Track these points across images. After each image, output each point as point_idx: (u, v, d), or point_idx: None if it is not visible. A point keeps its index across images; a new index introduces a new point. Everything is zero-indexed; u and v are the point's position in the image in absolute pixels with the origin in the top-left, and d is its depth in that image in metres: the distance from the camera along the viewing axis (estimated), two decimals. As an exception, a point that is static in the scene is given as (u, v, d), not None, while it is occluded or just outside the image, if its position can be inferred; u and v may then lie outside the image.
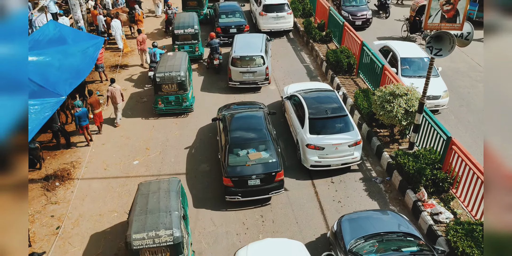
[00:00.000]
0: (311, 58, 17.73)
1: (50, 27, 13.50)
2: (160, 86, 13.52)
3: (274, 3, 19.44)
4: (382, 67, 13.13)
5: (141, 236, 7.68)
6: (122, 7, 20.36)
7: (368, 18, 20.23)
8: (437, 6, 9.37)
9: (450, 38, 9.26)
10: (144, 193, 8.73)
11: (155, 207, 8.26)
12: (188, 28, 16.80)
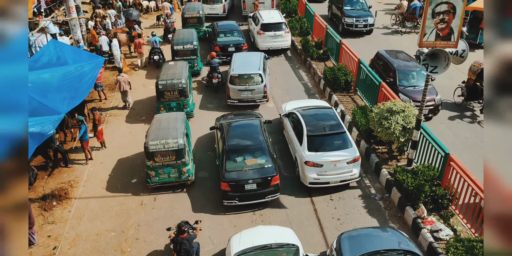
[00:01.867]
0: (309, 75, 17.88)
1: (51, 47, 13.64)
2: (162, 93, 14.09)
3: (272, 22, 19.70)
4: (379, 84, 13.24)
5: (155, 143, 10.89)
6: (121, 27, 20.64)
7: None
8: (432, 25, 9.51)
9: (445, 55, 9.37)
10: (158, 119, 12.10)
11: (166, 126, 11.51)
12: (187, 44, 17.32)
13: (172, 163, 11.10)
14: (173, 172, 11.25)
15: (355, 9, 21.96)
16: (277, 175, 10.67)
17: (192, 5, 22.60)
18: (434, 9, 9.39)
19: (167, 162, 11.08)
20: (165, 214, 10.71)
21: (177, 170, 11.23)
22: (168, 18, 21.73)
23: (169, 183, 11.42)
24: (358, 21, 21.29)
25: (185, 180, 11.45)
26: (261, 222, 10.34)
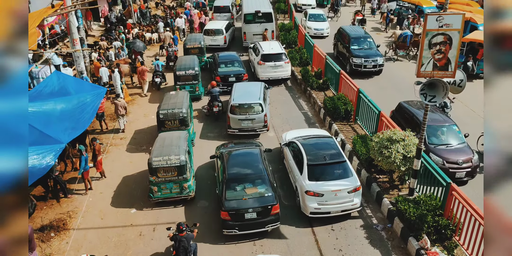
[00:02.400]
0: (309, 105, 18.01)
1: (54, 78, 13.80)
2: (163, 122, 14.20)
3: (272, 53, 20.01)
4: (378, 113, 13.31)
5: (158, 159, 11.41)
6: (124, 58, 20.98)
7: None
8: (429, 55, 9.67)
9: (443, 85, 9.48)
10: (162, 137, 12.73)
11: (169, 143, 12.06)
12: (189, 69, 17.98)
13: (174, 179, 11.58)
14: (175, 188, 11.72)
15: (363, 48, 20.97)
16: (277, 204, 10.59)
17: (194, 36, 23.10)
18: (431, 40, 9.57)
19: (169, 177, 11.55)
20: (164, 244, 10.54)
21: (179, 185, 11.68)
22: (170, 47, 22.54)
23: (171, 198, 11.85)
24: (367, 62, 20.16)
25: (186, 196, 11.87)
26: (261, 253, 10.16)
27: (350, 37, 21.37)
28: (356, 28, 23.16)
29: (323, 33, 26.99)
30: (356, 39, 21.30)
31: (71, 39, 17.38)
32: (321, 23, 27.39)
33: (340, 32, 22.75)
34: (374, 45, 21.38)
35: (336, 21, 30.04)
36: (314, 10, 29.37)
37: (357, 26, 23.86)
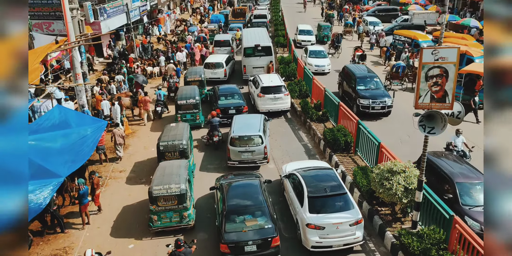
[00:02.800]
0: (309, 137, 18.04)
1: (55, 112, 13.94)
2: (163, 154, 14.21)
3: (272, 85, 20.25)
4: (378, 144, 13.30)
5: (159, 188, 11.47)
6: (125, 91, 21.24)
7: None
8: (426, 87, 9.76)
9: (441, 117, 9.52)
10: (163, 166, 12.80)
11: (169, 172, 12.16)
12: (190, 98, 18.55)
13: (174, 208, 11.60)
14: (175, 217, 11.71)
15: (369, 88, 19.97)
16: (278, 236, 10.44)
17: (194, 69, 23.50)
18: (427, 73, 9.70)
19: (169, 206, 11.57)
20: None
21: (179, 214, 11.68)
22: (171, 78, 23.11)
23: (171, 227, 11.82)
24: (375, 103, 19.12)
25: (186, 225, 11.85)
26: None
27: (356, 76, 20.45)
28: (360, 66, 22.34)
29: (324, 70, 26.55)
30: (362, 79, 20.37)
31: (73, 74, 17.65)
32: (322, 60, 27.00)
33: (345, 71, 22.00)
34: (381, 85, 20.51)
35: (337, 58, 29.90)
36: (314, 47, 29.30)
37: (361, 65, 23.01)
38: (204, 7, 50.20)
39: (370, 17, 39.90)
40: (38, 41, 20.95)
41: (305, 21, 41.49)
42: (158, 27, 38.55)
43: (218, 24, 38.65)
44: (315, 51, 27.83)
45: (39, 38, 21.65)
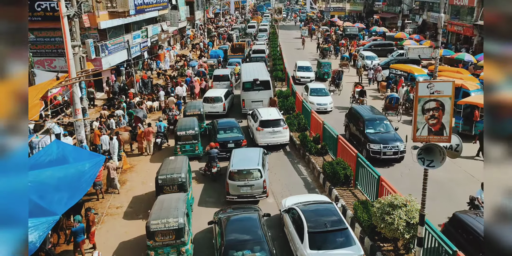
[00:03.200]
0: (308, 170, 17.94)
1: (53, 147, 13.89)
2: (162, 188, 14.08)
3: (270, 119, 20.34)
4: (378, 177, 13.21)
5: (156, 222, 11.24)
6: (125, 126, 21.31)
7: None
8: (423, 120, 9.80)
9: (439, 150, 9.50)
10: (161, 199, 12.70)
11: (168, 206, 11.99)
12: (189, 129, 18.96)
13: (172, 243, 11.34)
14: (172, 252, 11.42)
15: (379, 132, 18.76)
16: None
17: (193, 104, 23.74)
18: (424, 106, 9.77)
19: (167, 241, 11.31)
20: None
21: (176, 250, 11.40)
22: (170, 111, 23.53)
23: None
24: (386, 148, 17.75)
25: None
26: None
27: (364, 119, 19.23)
28: (367, 107, 21.31)
29: (326, 108, 25.73)
30: (370, 122, 19.11)
31: (73, 109, 17.76)
32: (324, 98, 26.21)
33: (352, 113, 20.88)
34: (391, 127, 19.08)
35: (338, 95, 29.43)
36: (315, 84, 28.73)
37: (368, 106, 22.01)
38: (204, 43, 51.23)
39: (366, 51, 40.69)
40: (39, 77, 21.24)
41: (303, 57, 42.16)
42: (157, 63, 39.12)
43: (217, 59, 39.33)
44: (316, 89, 27.16)
45: (40, 74, 21.97)
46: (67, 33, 16.62)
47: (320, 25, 68.33)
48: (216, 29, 67.55)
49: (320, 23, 73.26)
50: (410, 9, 60.51)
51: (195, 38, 58.80)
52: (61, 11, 16.38)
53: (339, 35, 54.86)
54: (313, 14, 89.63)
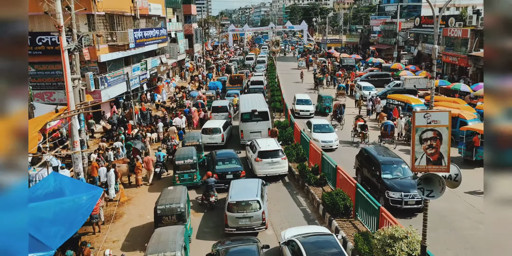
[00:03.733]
0: (307, 201, 17.76)
1: (51, 180, 13.79)
2: (160, 218, 14.02)
3: (269, 150, 20.33)
4: (378, 208, 13.06)
5: None
6: (123, 158, 21.26)
7: None
8: (421, 150, 9.80)
9: (439, 179, 9.45)
10: (159, 232, 12.62)
11: (165, 239, 11.91)
12: (187, 158, 19.09)
13: None
14: None
15: (397, 178, 16.62)
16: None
17: (192, 134, 23.87)
18: (421, 136, 9.80)
19: None
20: None
21: None
22: (169, 141, 23.72)
23: None
24: (408, 196, 15.64)
25: None
26: None
27: (379, 162, 17.24)
28: (381, 149, 19.35)
29: (332, 146, 24.04)
30: (387, 166, 17.06)
31: (71, 142, 17.76)
32: (329, 135, 24.62)
33: (364, 155, 18.90)
34: (409, 172, 16.65)
35: (340, 129, 28.04)
36: (318, 120, 27.02)
37: (382, 147, 20.59)
38: (203, 75, 51.91)
39: (363, 82, 41.22)
40: (38, 110, 21.35)
41: (301, 89, 42.35)
42: (153, 95, 39.35)
43: (216, 90, 39.74)
44: (319, 125, 25.66)
45: (39, 107, 22.10)
46: (67, 67, 16.86)
47: (317, 57, 69.52)
48: (215, 61, 68.64)
49: (317, 55, 74.57)
50: (405, 40, 61.76)
51: (194, 70, 59.62)
52: (62, 45, 16.69)
53: (336, 66, 55.74)
54: (310, 46, 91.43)
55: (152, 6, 40.21)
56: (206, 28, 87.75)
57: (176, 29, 52.91)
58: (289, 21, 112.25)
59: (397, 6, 63.58)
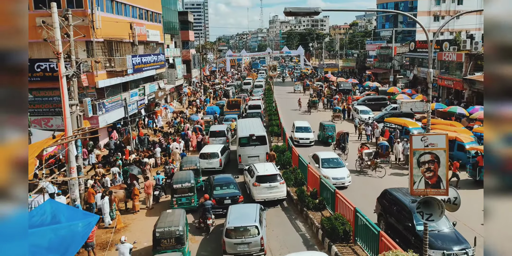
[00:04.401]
0: (306, 226, 17.54)
1: (46, 207, 13.62)
2: (159, 241, 13.97)
3: (267, 174, 20.22)
4: (378, 233, 12.89)
5: None
6: (120, 184, 21.11)
7: None
8: (419, 173, 9.79)
9: (438, 203, 9.39)
10: None
11: None
12: (185, 182, 19.21)
13: None
14: None
15: (434, 230, 13.48)
16: None
17: (190, 159, 23.77)
18: (419, 159, 9.79)
19: None
20: None
21: None
22: (167, 164, 24.07)
23: None
24: None
25: None
26: None
27: (410, 210, 14.18)
28: (404, 190, 16.11)
29: (344, 183, 21.64)
30: None
31: (68, 167, 17.66)
32: (340, 170, 22.31)
33: (388, 199, 16.18)
34: (449, 222, 14.06)
35: (345, 159, 26.11)
36: (325, 153, 24.69)
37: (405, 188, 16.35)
38: (200, 100, 52.22)
39: (360, 106, 41.49)
40: (35, 136, 21.28)
41: (298, 116, 42.05)
42: (148, 122, 39.28)
43: (214, 115, 39.89)
44: (328, 160, 23.41)
45: (36, 133, 22.05)
46: (65, 93, 16.94)
47: (314, 81, 70.19)
48: (212, 86, 69.21)
49: (314, 79, 75.32)
50: (401, 65, 62.57)
51: (192, 95, 60.02)
52: (60, 71, 16.82)
53: (333, 90, 56.22)
54: (307, 70, 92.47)
55: (150, 33, 40.86)
56: (204, 53, 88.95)
57: (174, 55, 53.59)
58: (286, 46, 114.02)
59: (392, 31, 64.64)
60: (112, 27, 31.16)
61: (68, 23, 18.79)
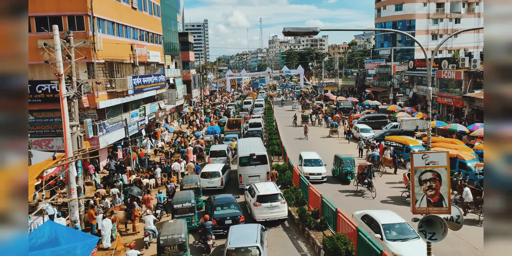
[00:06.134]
0: (308, 246, 17.31)
1: (45, 229, 13.50)
2: (163, 248, 14.99)
3: (268, 194, 20.07)
4: (380, 253, 12.71)
5: None
6: (119, 205, 20.94)
7: None
8: (421, 191, 9.69)
9: (440, 222, 9.27)
10: None
11: None
12: (185, 202, 19.27)
13: None
14: None
15: None
16: None
17: (190, 177, 23.71)
18: (420, 177, 9.72)
19: None
20: None
21: None
22: (168, 183, 24.34)
23: None
24: None
25: None
26: None
27: None
28: None
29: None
30: None
31: (68, 189, 17.56)
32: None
33: None
34: None
35: (372, 199, 22.35)
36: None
37: None
38: (200, 120, 52.34)
39: (360, 124, 41.52)
40: (35, 158, 21.28)
41: (305, 143, 38.60)
42: (147, 143, 39.01)
43: (214, 135, 39.88)
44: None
45: (37, 155, 22.04)
46: (66, 114, 17.00)
47: (314, 100, 70.51)
48: (213, 106, 69.49)
49: (314, 98, 75.66)
50: (400, 83, 62.91)
51: (192, 115, 60.20)
52: (61, 93, 16.93)
53: (333, 109, 56.39)
54: (307, 89, 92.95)
55: (151, 54, 41.29)
56: (204, 73, 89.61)
57: (174, 75, 54.01)
58: (286, 65, 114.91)
59: (391, 50, 65.29)
60: (113, 48, 31.51)
61: (70, 45, 19.00)
